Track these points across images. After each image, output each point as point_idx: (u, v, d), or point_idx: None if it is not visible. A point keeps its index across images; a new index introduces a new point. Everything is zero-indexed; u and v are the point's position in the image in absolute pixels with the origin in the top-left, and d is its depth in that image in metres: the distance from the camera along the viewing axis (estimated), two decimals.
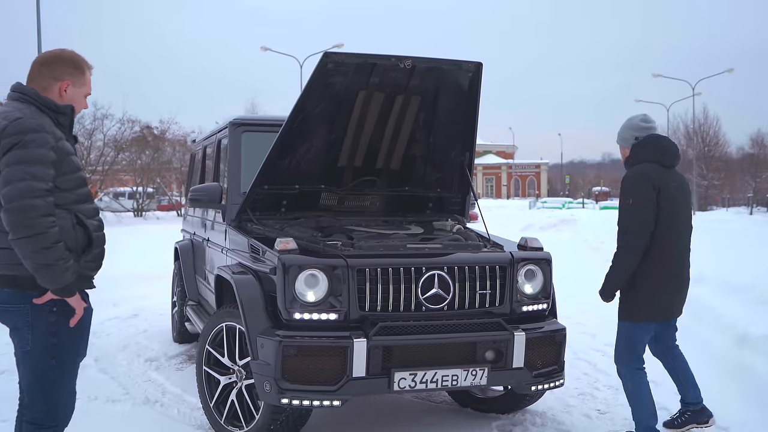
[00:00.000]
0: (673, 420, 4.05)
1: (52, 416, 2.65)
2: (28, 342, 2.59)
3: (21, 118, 2.51)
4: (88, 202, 2.70)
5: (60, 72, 2.69)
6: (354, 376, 3.42)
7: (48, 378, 2.62)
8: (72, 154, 2.65)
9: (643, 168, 3.74)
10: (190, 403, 4.62)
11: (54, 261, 2.45)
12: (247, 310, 3.64)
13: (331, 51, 3.86)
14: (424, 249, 3.89)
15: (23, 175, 2.42)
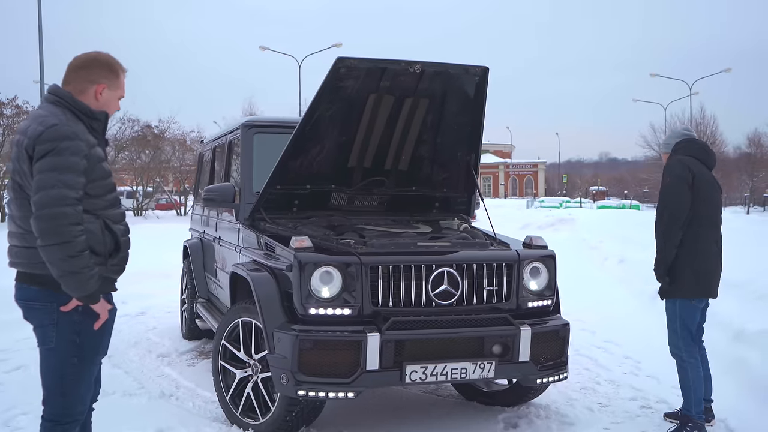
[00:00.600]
0: (676, 412, 4.26)
1: (68, 413, 2.69)
2: (52, 340, 2.63)
3: (57, 124, 2.54)
4: (115, 208, 2.75)
5: (96, 75, 2.71)
6: (367, 368, 3.56)
7: (68, 375, 2.64)
8: (103, 161, 2.68)
9: (682, 157, 4.19)
10: (205, 397, 4.76)
11: (79, 269, 2.49)
12: (264, 306, 3.78)
13: (344, 56, 3.98)
14: (434, 247, 4.03)
15: (55, 183, 2.46)
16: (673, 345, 4.17)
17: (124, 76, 2.82)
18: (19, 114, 23.31)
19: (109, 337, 2.81)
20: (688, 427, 4.02)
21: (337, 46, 35.52)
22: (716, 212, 4.22)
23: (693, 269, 4.07)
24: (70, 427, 2.70)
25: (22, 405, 4.50)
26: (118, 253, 2.71)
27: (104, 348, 2.79)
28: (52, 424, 2.67)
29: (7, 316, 7.09)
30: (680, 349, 4.12)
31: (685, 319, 4.12)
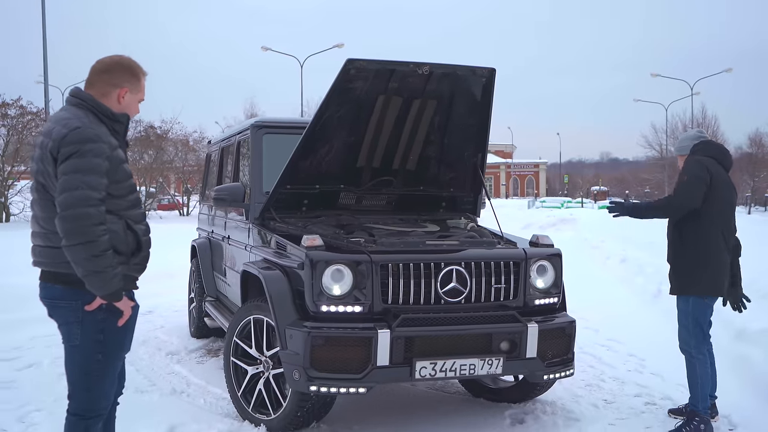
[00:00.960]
0: (681, 408, 4.36)
1: (93, 407, 2.75)
2: (77, 337, 2.69)
3: (80, 127, 2.59)
4: (136, 208, 2.81)
5: (119, 79, 2.77)
6: (378, 364, 3.63)
7: (93, 371, 2.70)
8: (125, 162, 2.74)
9: (700, 157, 4.27)
10: (216, 394, 4.83)
11: (103, 268, 2.54)
12: (276, 304, 3.85)
13: (354, 58, 4.05)
14: (443, 245, 4.10)
15: (79, 184, 2.52)
16: (684, 341, 4.24)
17: (144, 80, 2.88)
18: (23, 115, 23.37)
19: (132, 333, 2.87)
20: (695, 422, 4.07)
21: (339, 47, 35.60)
22: (731, 212, 4.32)
23: (707, 268, 4.15)
24: (94, 422, 2.77)
25: (35, 402, 4.57)
26: (139, 252, 2.77)
27: (128, 344, 2.85)
28: (77, 419, 2.74)
29: (19, 315, 7.23)
30: (690, 345, 4.20)
31: (698, 317, 4.20)
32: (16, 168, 23.90)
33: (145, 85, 2.89)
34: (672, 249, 4.32)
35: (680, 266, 4.24)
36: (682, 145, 4.49)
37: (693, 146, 4.41)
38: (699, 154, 4.33)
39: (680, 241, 4.25)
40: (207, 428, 4.07)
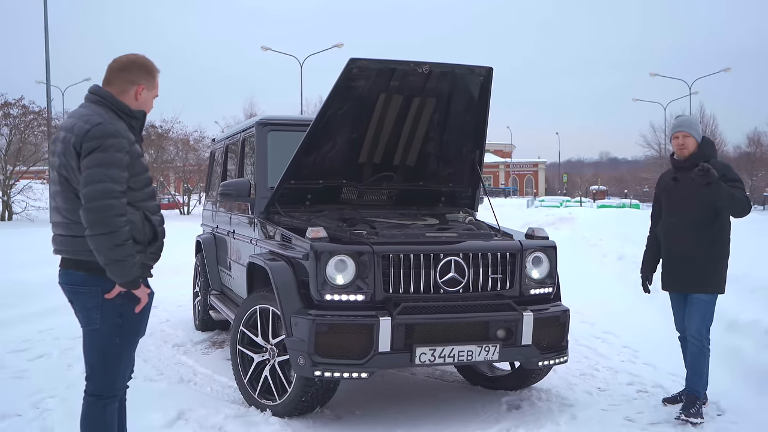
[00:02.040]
0: (675, 396, 4.53)
1: (110, 388, 2.91)
2: (97, 321, 2.82)
3: (101, 123, 2.73)
4: (152, 200, 2.95)
5: (136, 77, 2.89)
6: (380, 350, 3.80)
7: (111, 354, 2.85)
8: (141, 156, 2.87)
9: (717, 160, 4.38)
10: (222, 382, 4.99)
11: (124, 257, 2.68)
12: (282, 293, 4.01)
13: (356, 57, 4.21)
14: (442, 237, 4.27)
15: (102, 177, 2.66)
16: (699, 332, 4.32)
17: (158, 77, 3.01)
18: (26, 114, 23.54)
19: (147, 319, 3.00)
20: (696, 405, 4.23)
21: (339, 47, 35.76)
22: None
23: (727, 265, 4.36)
24: (111, 402, 2.92)
25: (48, 389, 4.73)
26: (155, 242, 2.92)
27: (143, 329, 2.99)
28: (95, 399, 2.90)
29: (24, 310, 7.41)
30: (704, 336, 4.32)
31: (713, 308, 4.38)
32: (19, 168, 24.05)
33: (158, 82, 3.02)
34: (700, 246, 4.28)
35: (711, 264, 4.28)
36: (699, 130, 4.43)
37: (704, 142, 4.42)
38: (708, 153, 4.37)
39: (710, 240, 4.27)
40: (215, 413, 4.23)
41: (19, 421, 4.12)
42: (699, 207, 4.28)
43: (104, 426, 2.90)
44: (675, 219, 4.42)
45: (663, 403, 4.54)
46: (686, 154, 4.36)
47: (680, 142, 4.37)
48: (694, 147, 4.36)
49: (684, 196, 4.36)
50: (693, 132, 4.36)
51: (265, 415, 4.21)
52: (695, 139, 4.37)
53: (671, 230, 4.44)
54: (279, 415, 4.19)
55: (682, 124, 4.41)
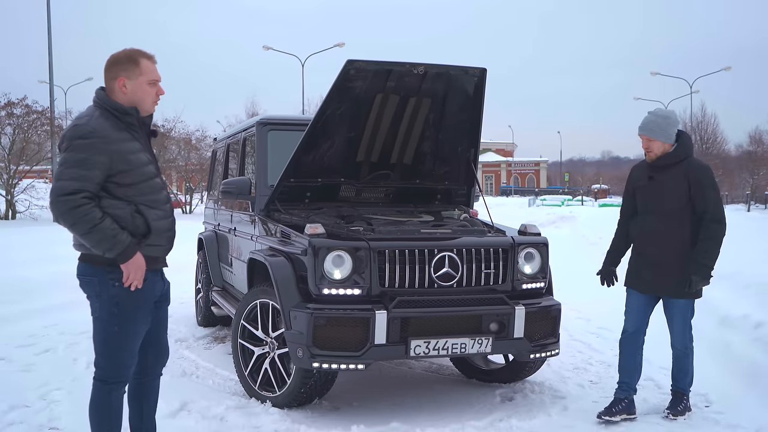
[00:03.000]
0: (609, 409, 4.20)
1: (115, 374, 3.03)
2: (97, 309, 2.97)
3: (78, 124, 2.85)
4: (152, 195, 2.99)
5: (115, 71, 2.93)
6: (376, 343, 3.92)
7: (111, 342, 2.97)
8: (134, 153, 2.90)
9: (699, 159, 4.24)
10: (223, 375, 5.13)
11: (98, 241, 2.80)
12: (281, 288, 4.14)
13: (353, 59, 4.33)
14: (436, 233, 4.39)
15: (61, 175, 2.80)
16: (683, 335, 4.29)
17: (149, 62, 2.99)
18: (29, 113, 23.67)
19: (147, 311, 3.06)
20: (684, 402, 4.30)
21: (340, 46, 35.89)
22: None
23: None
24: (115, 387, 3.06)
25: (55, 382, 4.87)
26: (149, 235, 2.97)
27: (141, 318, 3.03)
28: (101, 384, 3.05)
29: (28, 306, 7.56)
30: (687, 338, 4.32)
31: (693, 309, 4.33)
32: (22, 167, 24.20)
33: (151, 66, 2.99)
34: (679, 251, 4.12)
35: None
36: (670, 132, 4.16)
37: (681, 139, 4.19)
38: (688, 150, 4.17)
39: (690, 243, 4.10)
40: (216, 405, 4.36)
41: (27, 411, 4.25)
42: (678, 210, 4.13)
43: (110, 411, 3.04)
44: (652, 221, 4.22)
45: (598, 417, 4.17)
46: (653, 157, 4.19)
47: (644, 145, 4.22)
48: (660, 150, 4.16)
49: (661, 198, 4.19)
50: (656, 135, 4.14)
51: (265, 406, 4.34)
52: (661, 142, 4.15)
53: (648, 232, 4.25)
54: (279, 406, 4.32)
55: (643, 128, 4.20)
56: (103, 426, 3.06)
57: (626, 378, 4.30)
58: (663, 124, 4.15)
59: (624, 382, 4.30)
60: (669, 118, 4.18)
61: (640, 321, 4.33)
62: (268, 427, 4.04)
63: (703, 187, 4.10)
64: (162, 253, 3.08)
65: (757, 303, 6.52)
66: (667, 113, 4.22)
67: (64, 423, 4.08)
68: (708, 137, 54.62)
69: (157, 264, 3.08)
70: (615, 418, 4.15)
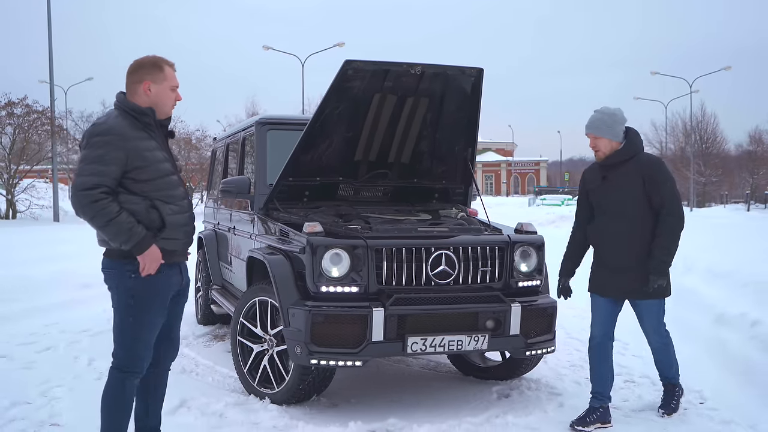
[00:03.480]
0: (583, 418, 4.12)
1: (130, 364, 3.13)
2: (115, 301, 3.14)
3: (97, 123, 3.05)
4: (167, 190, 3.12)
5: (141, 75, 3.13)
6: (373, 340, 3.97)
7: (127, 332, 3.11)
8: (150, 150, 3.06)
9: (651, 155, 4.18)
10: (223, 373, 5.17)
11: (115, 233, 2.96)
12: (280, 285, 4.18)
13: (351, 59, 4.38)
14: (433, 232, 4.44)
15: (81, 171, 2.98)
16: (658, 333, 4.26)
17: (170, 69, 3.20)
18: (29, 113, 23.70)
19: (162, 304, 3.17)
20: (677, 393, 4.32)
21: (340, 46, 35.94)
22: None
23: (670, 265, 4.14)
24: (130, 377, 3.17)
25: (56, 379, 4.91)
26: (164, 229, 3.10)
27: (156, 311, 3.14)
28: (116, 372, 3.17)
29: (29, 305, 7.61)
30: (663, 335, 4.30)
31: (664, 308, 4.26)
32: (22, 167, 24.25)
33: (172, 73, 3.20)
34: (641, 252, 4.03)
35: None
36: (616, 129, 4.07)
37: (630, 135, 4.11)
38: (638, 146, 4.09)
39: (650, 243, 4.03)
40: (215, 401, 4.40)
41: (28, 408, 4.29)
42: (635, 209, 4.01)
43: (122, 399, 3.15)
44: (609, 222, 4.11)
45: (571, 427, 4.09)
46: (601, 156, 4.11)
47: (591, 144, 4.14)
48: (608, 148, 4.07)
49: (616, 198, 4.07)
50: (603, 133, 4.06)
51: (264, 403, 4.38)
52: (608, 140, 4.06)
53: (605, 234, 4.13)
54: (277, 403, 4.36)
55: (589, 126, 4.12)
56: (112, 413, 3.16)
57: (599, 387, 4.18)
58: (609, 121, 4.07)
59: (597, 391, 4.17)
60: (615, 115, 4.09)
61: (607, 326, 4.21)
62: (266, 423, 4.09)
63: (657, 182, 4.00)
64: (179, 247, 3.20)
65: (754, 301, 6.56)
66: (614, 111, 4.11)
67: (65, 419, 4.12)
68: (708, 137, 54.66)
69: (173, 257, 3.19)
70: (588, 428, 4.06)
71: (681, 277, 9.09)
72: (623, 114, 4.13)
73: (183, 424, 4.05)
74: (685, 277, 8.93)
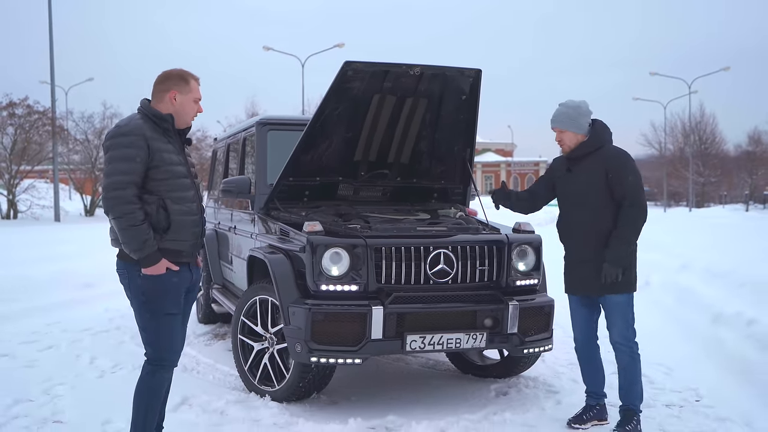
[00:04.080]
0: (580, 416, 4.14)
1: (157, 357, 3.28)
2: (130, 299, 3.29)
3: (120, 125, 3.22)
4: (179, 191, 3.24)
5: (168, 85, 3.31)
6: (372, 338, 4.01)
7: (148, 327, 3.25)
8: (164, 152, 3.21)
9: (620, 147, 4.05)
10: (223, 371, 5.22)
11: (129, 239, 3.10)
12: (280, 284, 4.23)
13: (351, 60, 4.42)
14: (432, 231, 4.48)
15: (112, 171, 3.13)
16: (625, 338, 3.99)
17: (196, 83, 3.38)
18: (30, 114, 23.75)
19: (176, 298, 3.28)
20: (634, 422, 3.95)
21: (340, 47, 35.97)
22: None
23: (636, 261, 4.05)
24: (159, 369, 3.30)
25: (58, 377, 4.96)
26: (170, 229, 3.21)
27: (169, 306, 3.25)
28: (147, 364, 3.32)
29: (30, 304, 7.66)
30: (631, 340, 4.00)
31: (633, 310, 4.05)
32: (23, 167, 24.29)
33: (197, 86, 3.39)
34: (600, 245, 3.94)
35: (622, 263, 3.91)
36: (581, 122, 4.03)
37: (595, 127, 4.06)
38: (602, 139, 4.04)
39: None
40: (216, 399, 4.45)
41: (30, 405, 4.34)
42: (598, 202, 3.95)
43: (149, 390, 3.31)
44: (572, 213, 4.08)
45: (568, 424, 4.11)
46: (566, 150, 4.09)
47: (557, 138, 4.12)
48: (573, 142, 4.04)
49: (579, 189, 4.02)
50: (568, 127, 4.03)
51: (265, 400, 4.43)
52: (573, 133, 4.03)
53: (570, 228, 4.10)
54: (278, 400, 4.41)
55: (553, 120, 4.10)
56: (141, 403, 3.30)
57: (591, 387, 4.19)
58: (573, 114, 4.04)
59: (590, 391, 4.19)
60: (580, 108, 4.05)
61: (586, 330, 4.17)
62: (267, 420, 4.13)
63: (621, 174, 3.93)
64: (186, 248, 3.30)
65: (751, 301, 6.62)
66: (578, 104, 4.07)
67: (68, 416, 4.17)
68: (707, 137, 54.74)
69: (180, 257, 3.28)
70: (585, 425, 4.09)
71: (676, 275, 9.16)
72: (588, 107, 4.10)
73: (185, 422, 4.09)
74: (682, 276, 9.00)
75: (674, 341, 6.27)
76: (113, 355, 5.63)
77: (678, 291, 8.23)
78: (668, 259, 10.46)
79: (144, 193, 3.16)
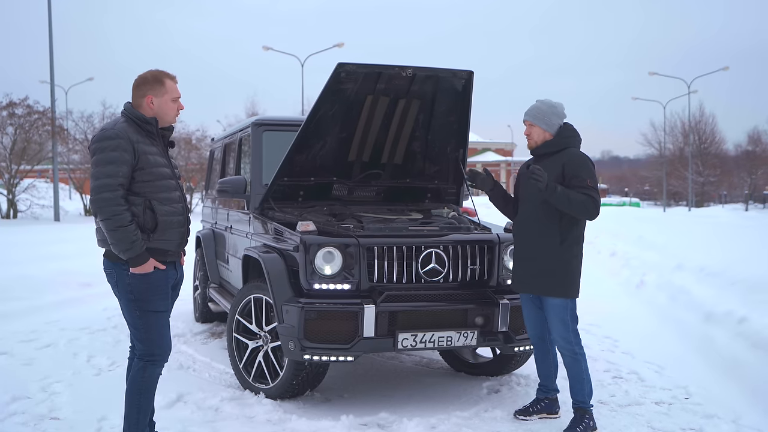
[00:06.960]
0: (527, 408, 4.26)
1: (148, 353, 3.37)
2: (119, 296, 3.35)
3: (104, 129, 3.26)
4: (164, 192, 3.32)
5: (144, 90, 3.37)
6: (364, 336, 4.07)
7: (137, 324, 3.34)
8: (150, 154, 3.28)
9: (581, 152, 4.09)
10: (219, 369, 5.28)
11: (118, 240, 3.18)
12: (274, 283, 4.29)
13: (344, 62, 4.47)
14: (423, 230, 4.54)
15: (100, 174, 3.19)
16: (565, 340, 4.01)
17: (171, 81, 3.41)
18: (30, 114, 23.79)
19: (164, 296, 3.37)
20: (586, 419, 3.99)
21: (339, 46, 36.05)
22: None
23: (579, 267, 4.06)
24: (150, 365, 3.40)
25: (55, 375, 5.02)
26: (157, 230, 3.29)
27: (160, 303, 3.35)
28: (139, 360, 3.42)
29: (29, 303, 7.71)
30: (572, 342, 4.01)
31: (573, 312, 4.05)
32: (23, 167, 24.34)
33: (173, 85, 3.41)
34: (547, 250, 3.98)
35: (560, 265, 3.96)
36: (552, 121, 4.08)
37: (562, 129, 4.09)
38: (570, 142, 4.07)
39: (559, 239, 3.96)
40: (212, 396, 4.51)
41: (28, 402, 4.40)
42: (545, 202, 3.97)
43: (141, 385, 3.39)
44: (522, 213, 4.15)
45: (515, 415, 4.22)
46: (532, 144, 4.13)
47: (526, 131, 4.14)
48: (540, 137, 4.09)
49: (533, 189, 3.98)
50: (538, 122, 4.07)
51: (259, 398, 4.49)
52: (541, 129, 4.07)
53: (519, 225, 4.16)
54: (272, 398, 4.47)
55: (527, 113, 4.14)
56: (134, 398, 3.39)
57: (542, 380, 4.30)
58: (547, 111, 4.08)
59: (541, 384, 4.31)
60: (554, 107, 4.10)
61: (537, 327, 4.20)
62: (261, 417, 4.19)
63: (576, 170, 3.94)
64: (173, 247, 3.40)
65: (742, 300, 6.68)
66: (554, 104, 4.12)
67: (65, 413, 4.23)
68: (706, 137, 54.76)
69: (166, 256, 3.37)
70: (531, 417, 4.19)
71: (670, 274, 9.22)
72: (564, 110, 4.15)
73: (180, 418, 4.15)
74: (675, 275, 9.05)
75: (667, 340, 6.32)
76: (110, 353, 5.69)
77: (672, 290, 8.28)
78: (664, 258, 10.51)
79: (130, 195, 3.23)
